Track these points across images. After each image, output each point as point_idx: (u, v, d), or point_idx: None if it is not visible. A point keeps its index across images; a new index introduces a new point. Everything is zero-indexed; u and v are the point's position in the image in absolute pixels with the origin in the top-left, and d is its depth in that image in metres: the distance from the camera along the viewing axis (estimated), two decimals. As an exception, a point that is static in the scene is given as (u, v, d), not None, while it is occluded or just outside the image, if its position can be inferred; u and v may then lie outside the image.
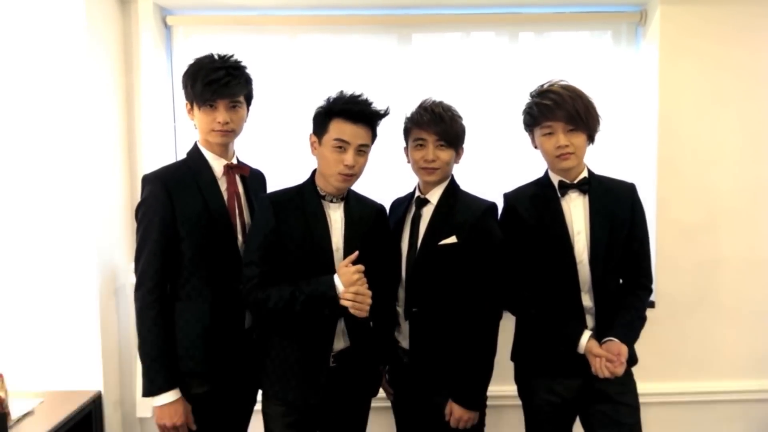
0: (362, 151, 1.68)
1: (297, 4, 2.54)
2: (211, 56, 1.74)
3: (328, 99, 1.70)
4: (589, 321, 1.76)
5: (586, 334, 1.69)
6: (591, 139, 1.76)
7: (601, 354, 1.64)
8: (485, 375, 1.75)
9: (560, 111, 1.68)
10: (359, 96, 1.68)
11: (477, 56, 2.66)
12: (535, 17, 2.63)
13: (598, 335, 1.71)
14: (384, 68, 2.64)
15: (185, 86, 1.74)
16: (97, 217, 2.27)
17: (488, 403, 1.79)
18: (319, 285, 1.61)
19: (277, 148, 2.58)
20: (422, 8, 2.61)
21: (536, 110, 1.74)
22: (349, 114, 1.65)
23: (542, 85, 1.78)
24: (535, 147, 1.83)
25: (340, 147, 1.65)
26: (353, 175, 1.68)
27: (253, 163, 2.00)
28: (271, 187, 1.96)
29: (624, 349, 1.64)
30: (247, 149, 2.49)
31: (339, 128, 1.65)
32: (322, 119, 1.69)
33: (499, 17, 2.62)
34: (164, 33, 2.61)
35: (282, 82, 2.60)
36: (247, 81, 1.78)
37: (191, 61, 1.75)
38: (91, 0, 2.23)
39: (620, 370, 1.62)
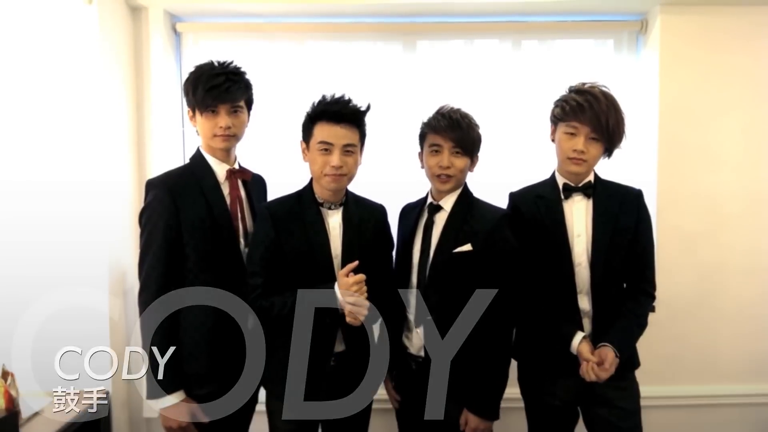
0: (349, 151, 1.68)
1: (305, 11, 2.58)
2: (210, 63, 1.77)
3: (312, 104, 1.71)
4: (587, 324, 1.77)
5: (579, 336, 1.71)
6: (609, 153, 1.77)
7: (590, 359, 1.66)
8: (501, 384, 1.75)
9: (591, 114, 1.66)
10: (339, 97, 1.69)
11: (481, 63, 2.69)
12: (538, 25, 2.67)
13: (596, 339, 1.72)
14: (389, 74, 2.68)
15: (187, 93, 1.78)
16: (107, 219, 2.30)
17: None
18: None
19: (287, 153, 2.61)
20: (427, 16, 2.65)
21: (568, 106, 1.72)
22: (329, 115, 1.66)
23: (583, 84, 1.76)
24: (553, 140, 1.82)
25: (325, 149, 1.66)
26: (343, 175, 1.68)
27: (264, 169, 2.03)
28: (279, 192, 1.97)
29: (612, 355, 1.65)
30: (256, 155, 2.53)
31: (322, 131, 1.67)
32: (307, 125, 1.71)
33: (502, 25, 2.66)
34: (174, 39, 2.65)
35: (290, 88, 2.64)
36: (247, 86, 1.81)
37: (192, 69, 1.78)
38: (103, 7, 2.28)
39: (604, 376, 1.63)
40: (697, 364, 2.65)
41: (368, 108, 1.72)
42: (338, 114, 1.66)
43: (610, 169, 2.56)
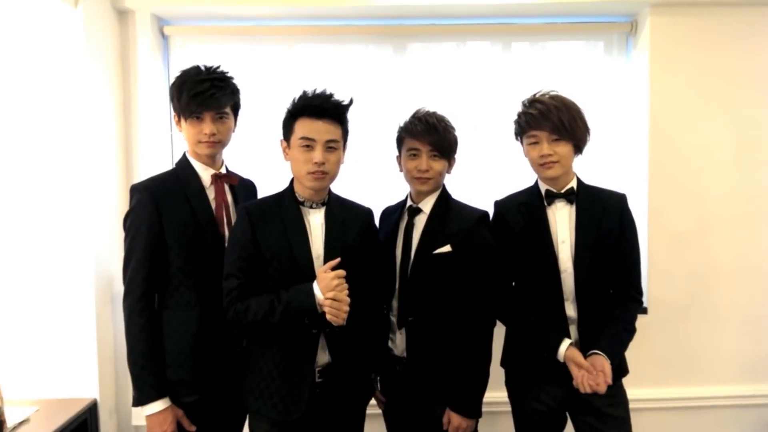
0: (332, 147, 1.62)
1: (294, 14, 2.56)
2: (197, 68, 1.74)
3: (293, 100, 1.66)
4: (573, 331, 1.76)
5: (566, 343, 1.70)
6: (578, 149, 1.77)
7: (584, 365, 1.63)
8: (482, 382, 1.76)
9: (545, 121, 1.70)
10: (321, 92, 1.64)
11: (471, 65, 2.69)
12: (528, 27, 2.66)
13: (582, 346, 1.71)
14: (380, 77, 2.67)
15: (172, 98, 1.75)
16: (94, 225, 2.28)
17: (482, 409, 1.79)
18: (298, 293, 1.55)
19: (277, 157, 2.59)
20: (417, 18, 2.64)
21: (523, 120, 1.77)
22: (310, 110, 1.61)
23: (534, 95, 1.80)
24: (526, 155, 1.84)
25: (307, 146, 1.60)
26: (325, 173, 1.62)
27: (253, 173, 2.00)
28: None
29: (608, 365, 1.62)
30: (246, 159, 2.52)
31: (303, 126, 1.61)
32: (288, 121, 1.66)
33: (493, 27, 2.66)
34: (162, 43, 2.63)
35: (279, 92, 2.61)
36: (233, 92, 1.78)
37: (178, 74, 1.75)
38: (89, 10, 2.26)
39: (603, 388, 1.59)
40: (689, 366, 2.64)
41: (350, 102, 1.67)
42: (320, 108, 1.61)
43: (602, 170, 2.60)
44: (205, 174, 1.78)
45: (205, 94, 1.67)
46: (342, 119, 1.67)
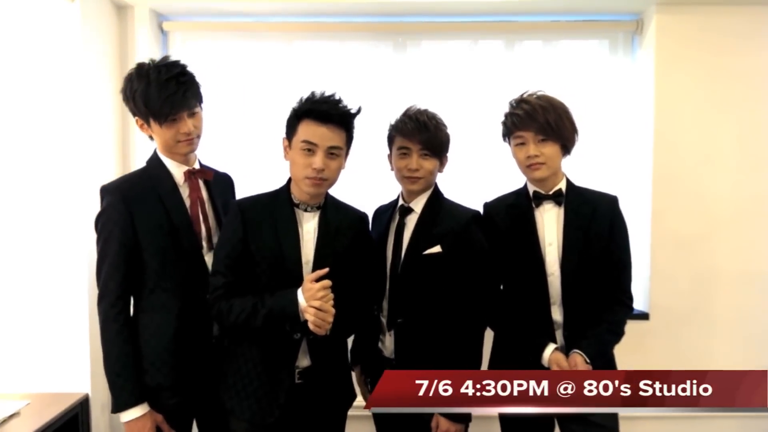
0: (334, 154, 1.58)
1: (293, 10, 2.55)
2: (152, 68, 1.62)
3: (300, 100, 1.61)
4: (559, 336, 1.72)
5: (550, 347, 1.67)
6: (566, 150, 1.73)
7: (565, 369, 1.60)
8: None
9: (531, 121, 1.67)
10: (329, 96, 1.59)
11: (473, 63, 2.66)
12: (532, 25, 2.63)
13: (568, 350, 1.68)
14: (379, 75, 2.65)
15: (136, 104, 1.64)
16: (88, 220, 2.27)
17: (474, 413, 1.76)
18: (282, 299, 1.53)
19: (275, 154, 2.58)
20: (418, 16, 2.61)
21: (509, 120, 1.73)
22: (316, 114, 1.56)
23: (521, 95, 1.76)
24: (513, 157, 1.80)
25: (308, 150, 1.56)
26: (324, 179, 1.58)
27: (251, 170, 1.96)
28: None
29: (581, 360, 1.60)
30: (244, 156, 2.51)
31: (307, 130, 1.56)
32: (292, 121, 1.61)
33: (496, 25, 2.63)
34: (161, 38, 2.63)
35: (277, 88, 2.61)
36: (196, 83, 1.71)
37: (132, 79, 1.65)
38: (87, 5, 2.26)
39: None
40: (692, 372, 2.58)
41: (359, 111, 1.63)
42: (326, 114, 1.56)
43: (604, 171, 2.55)
44: (178, 171, 1.72)
45: (177, 95, 1.61)
46: (348, 126, 1.62)
